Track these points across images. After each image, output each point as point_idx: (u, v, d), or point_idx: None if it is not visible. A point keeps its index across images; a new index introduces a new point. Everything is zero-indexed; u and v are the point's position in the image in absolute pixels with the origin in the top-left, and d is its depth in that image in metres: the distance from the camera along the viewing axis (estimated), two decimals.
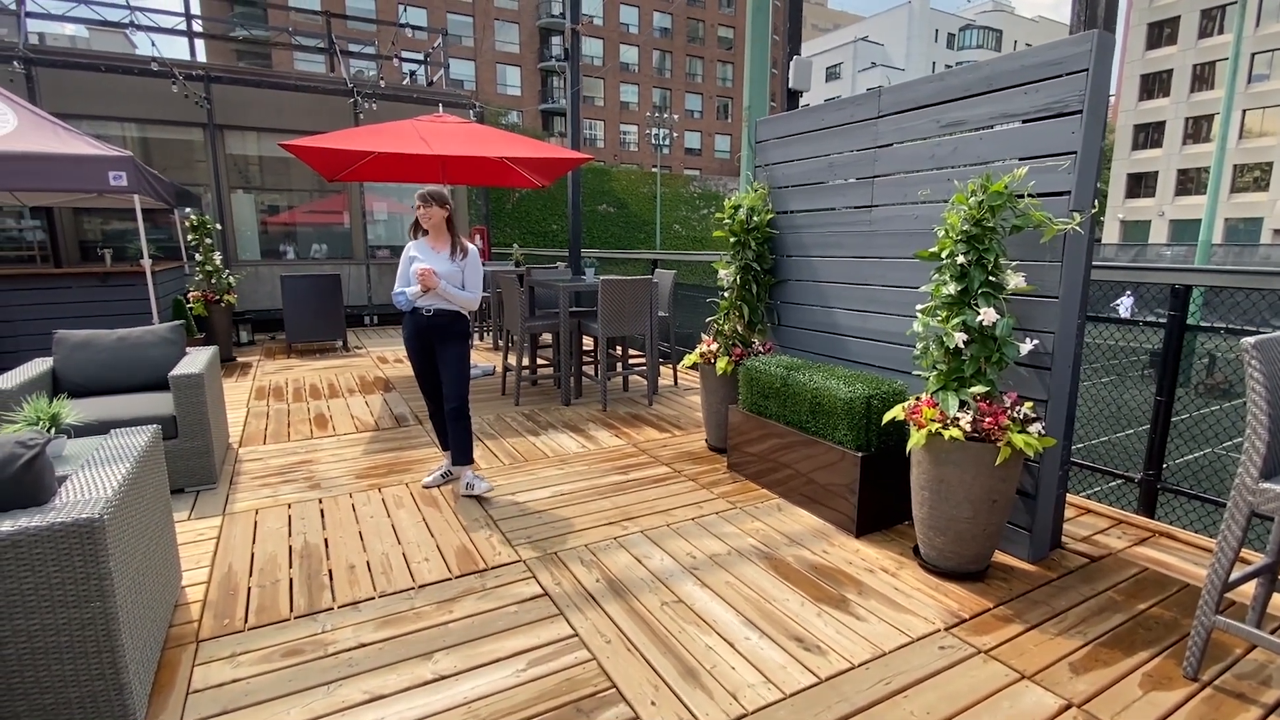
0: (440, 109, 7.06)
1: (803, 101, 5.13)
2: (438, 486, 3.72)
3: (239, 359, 7.62)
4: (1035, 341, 2.63)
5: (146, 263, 6.36)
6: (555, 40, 44.63)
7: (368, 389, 6.13)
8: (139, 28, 8.83)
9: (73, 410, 3.15)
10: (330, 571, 2.77)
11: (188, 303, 7.10)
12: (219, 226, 7.54)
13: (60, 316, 6.33)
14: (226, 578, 2.72)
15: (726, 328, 4.13)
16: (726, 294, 4.16)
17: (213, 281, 7.36)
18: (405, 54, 12.59)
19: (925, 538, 2.78)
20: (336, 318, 8.17)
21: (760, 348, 4.13)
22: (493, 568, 2.80)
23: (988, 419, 2.53)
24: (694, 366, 4.35)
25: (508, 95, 43.85)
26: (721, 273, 4.16)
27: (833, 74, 55.63)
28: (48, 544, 1.65)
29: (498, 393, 5.91)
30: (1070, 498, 3.48)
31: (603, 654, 2.21)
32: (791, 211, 4.10)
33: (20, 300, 6.20)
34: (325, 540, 3.06)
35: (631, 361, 6.31)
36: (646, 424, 4.99)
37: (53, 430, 2.77)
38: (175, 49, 8.80)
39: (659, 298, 5.86)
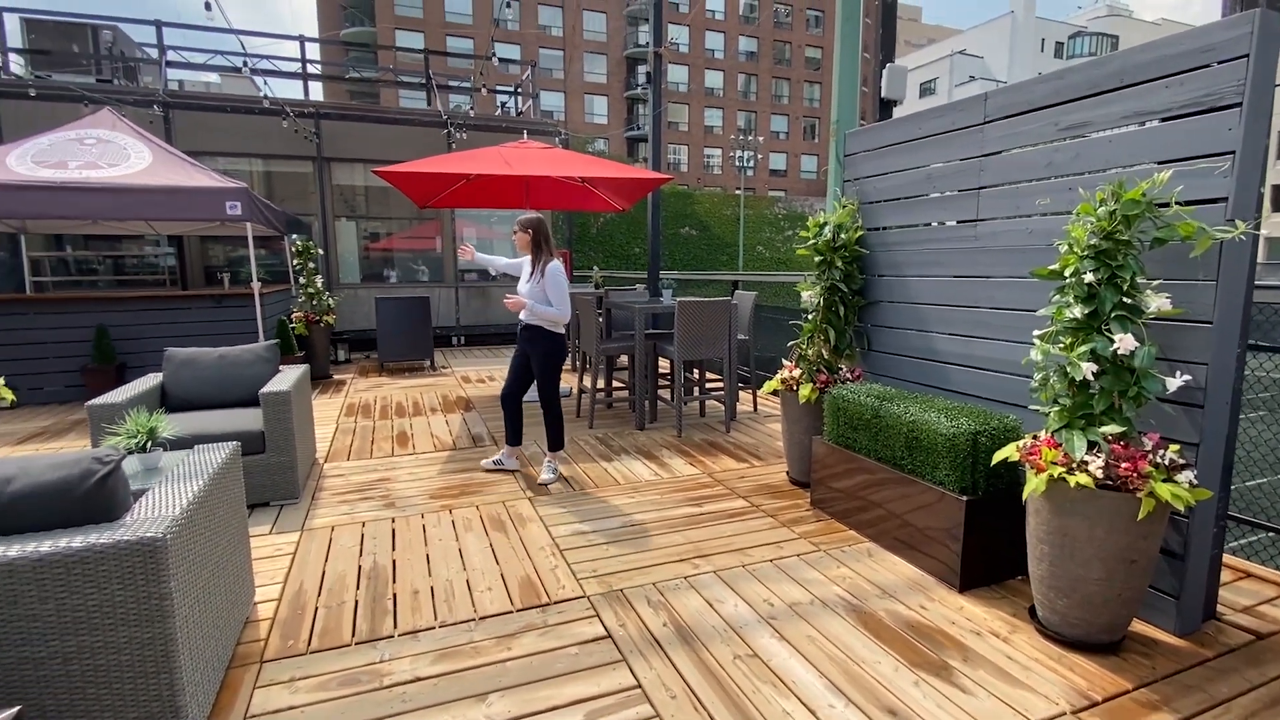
0: (525, 135, 7.22)
1: (896, 113, 4.82)
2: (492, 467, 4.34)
3: (335, 376, 8.02)
4: (1187, 377, 2.22)
5: (255, 285, 6.82)
6: (640, 68, 45.63)
7: (449, 408, 6.25)
8: (257, 72, 9.66)
9: (169, 424, 3.32)
10: (395, 596, 2.72)
11: (290, 323, 7.56)
12: (321, 251, 8.03)
13: (181, 335, 6.89)
14: (297, 595, 2.73)
15: (810, 352, 3.86)
16: (810, 316, 3.89)
17: (314, 303, 7.81)
18: (499, 88, 13.14)
19: (1044, 598, 2.40)
20: (425, 339, 8.46)
21: (848, 374, 3.83)
22: (555, 602, 2.66)
23: (1124, 464, 2.15)
24: (775, 393, 4.10)
25: (595, 124, 45.13)
26: (805, 294, 3.91)
27: (927, 89, 53.58)
28: (112, 561, 1.65)
29: (572, 414, 5.85)
30: (1226, 558, 2.95)
31: (667, 710, 2.00)
32: (884, 228, 3.80)
33: (150, 319, 6.79)
34: (394, 561, 3.04)
35: (709, 386, 6.10)
36: (723, 452, 4.75)
37: (149, 444, 2.91)
38: (295, 91, 9.69)
39: (738, 320, 5.64)
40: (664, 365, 6.36)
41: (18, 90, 8.12)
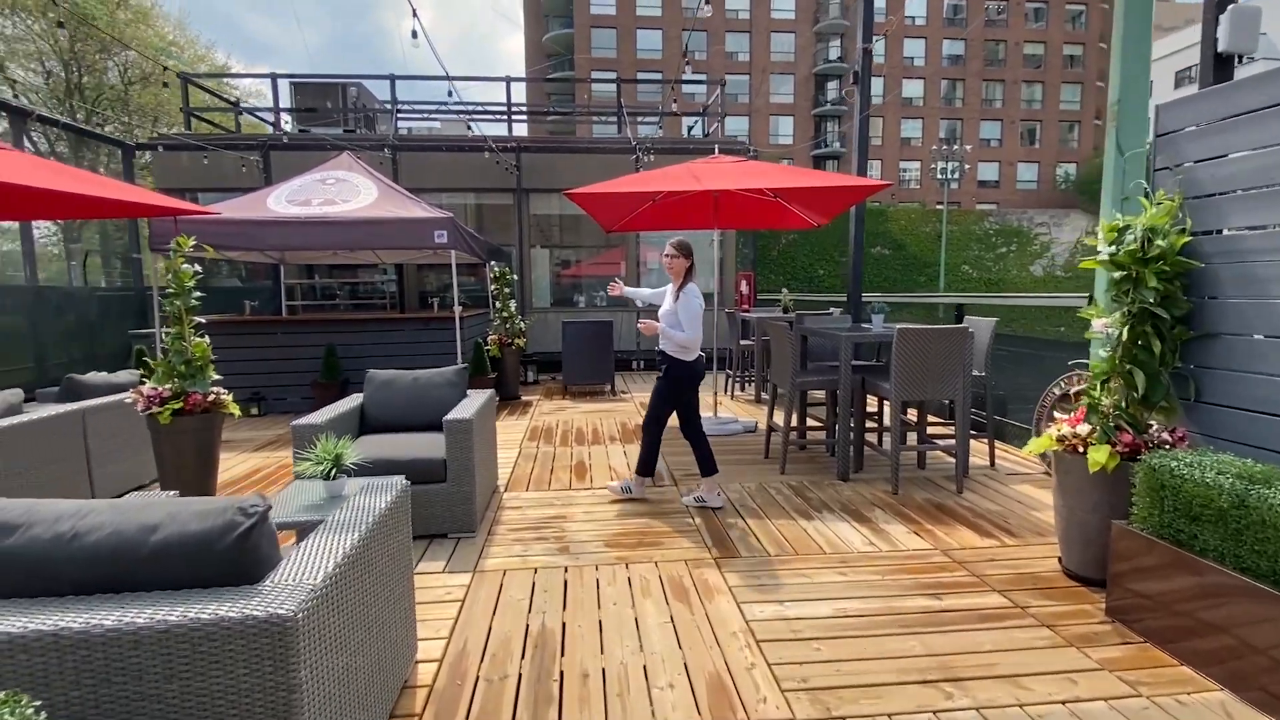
0: (716, 152, 6.82)
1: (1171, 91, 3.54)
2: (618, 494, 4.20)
3: (523, 397, 8.19)
4: None
5: (456, 310, 7.15)
6: (831, 85, 43.96)
7: (628, 437, 5.93)
8: (469, 114, 10.46)
9: (355, 450, 3.26)
10: (561, 676, 2.29)
11: (485, 345, 7.85)
12: (515, 277, 8.33)
13: (393, 354, 7.44)
14: (459, 659, 2.42)
15: (1106, 402, 2.83)
16: (1106, 353, 2.87)
17: (507, 326, 8.06)
18: (687, 113, 13.06)
19: None
20: (607, 363, 8.36)
21: (1164, 435, 2.74)
22: None
23: None
24: (1042, 455, 3.10)
25: (780, 144, 44.21)
26: (1097, 322, 2.90)
27: (1183, 78, 44.95)
28: (239, 640, 1.37)
29: (759, 455, 5.20)
30: None
31: None
32: (1228, 231, 2.69)
33: (369, 339, 7.42)
34: (563, 625, 2.63)
35: (932, 432, 5.08)
36: (957, 520, 3.78)
37: (333, 472, 2.83)
38: (503, 129, 10.47)
39: (973, 353, 4.60)
40: (870, 403, 5.45)
41: (284, 143, 9.57)
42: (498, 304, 8.09)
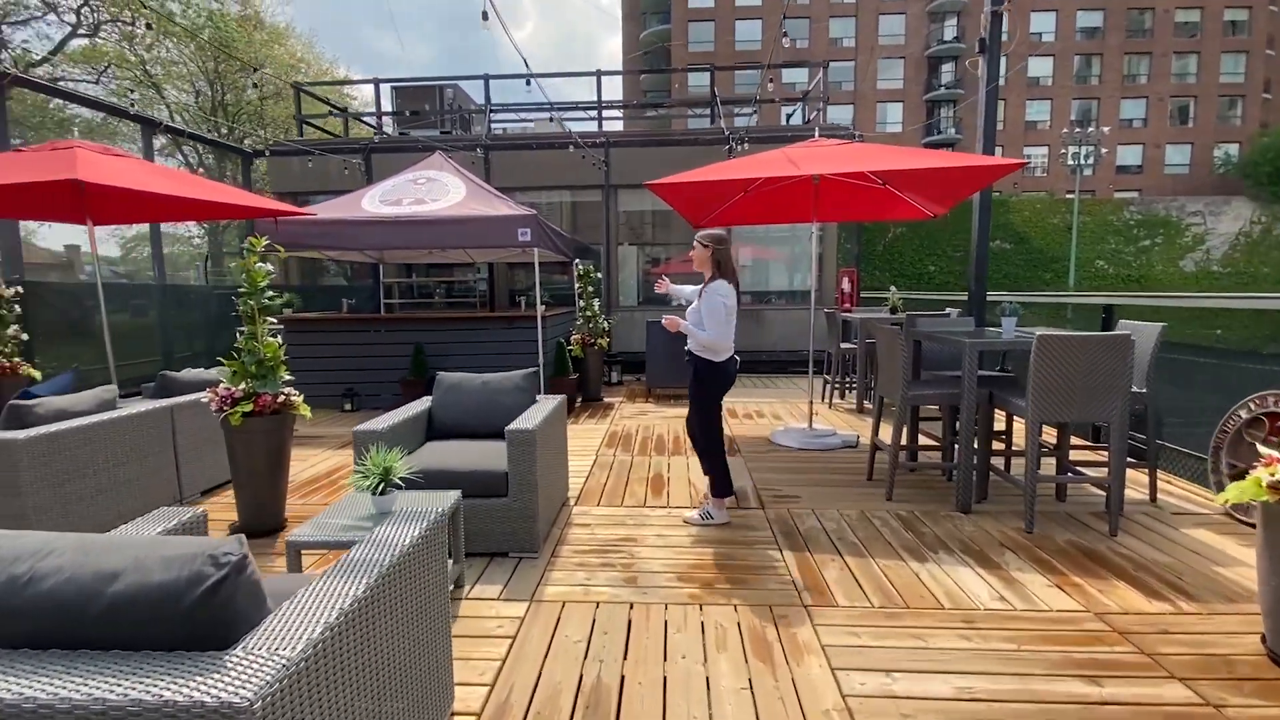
0: (816, 136, 6.21)
1: None
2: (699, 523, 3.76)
3: (605, 399, 7.93)
4: None
5: (539, 309, 6.98)
6: (945, 68, 41.02)
7: None
8: (559, 107, 10.33)
9: (414, 459, 3.04)
10: None
11: (568, 345, 7.66)
12: (598, 275, 8.08)
13: (478, 353, 7.40)
14: (500, 713, 2.10)
15: None
16: None
17: (590, 326, 7.83)
18: (786, 101, 12.36)
19: None
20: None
21: None
22: None
23: None
24: (1235, 505, 2.37)
25: (888, 133, 41.78)
26: None
27: None
28: None
29: (861, 476, 4.60)
30: None
31: None
32: None
33: (455, 338, 7.42)
34: (622, 680, 2.26)
35: (1076, 457, 4.28)
36: (1113, 572, 3.07)
37: (381, 486, 2.61)
38: (595, 128, 10.26)
39: (1133, 366, 3.78)
40: (997, 419, 4.70)
41: (383, 145, 9.86)
42: (581, 303, 7.88)
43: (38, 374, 5.90)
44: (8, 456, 3.16)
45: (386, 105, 10.82)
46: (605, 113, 11.60)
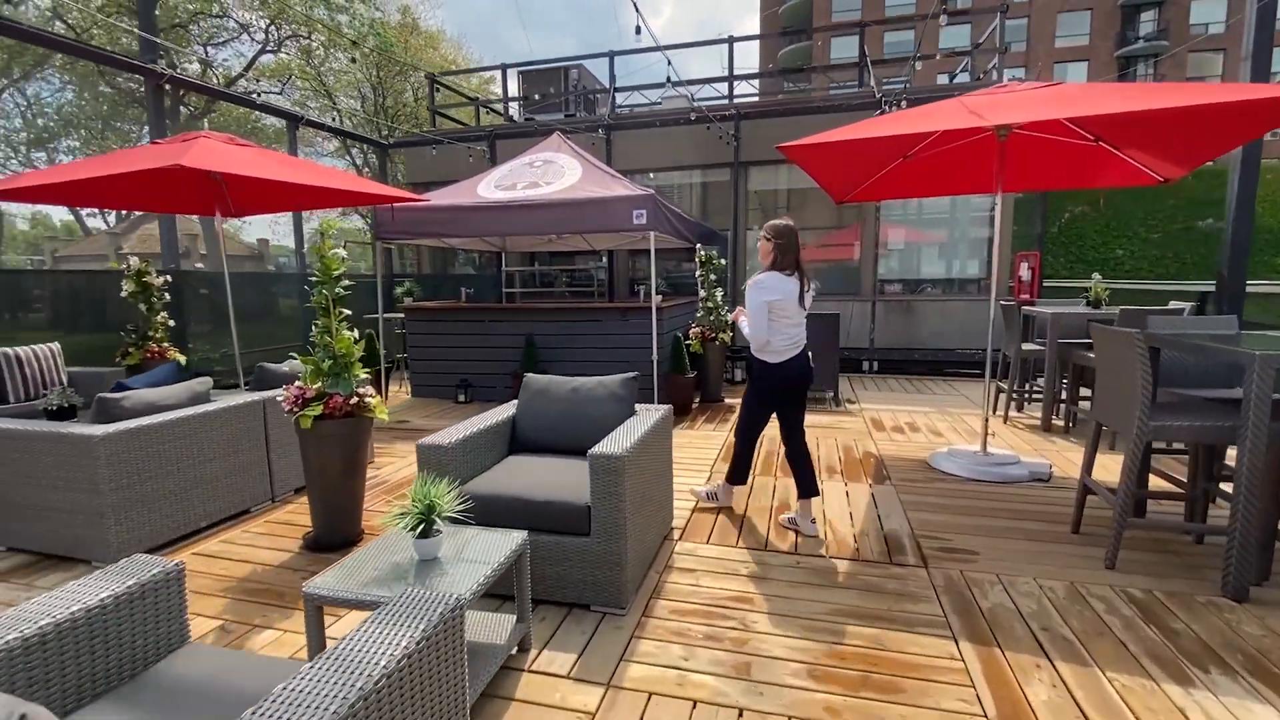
0: (1005, 79, 4.94)
1: None
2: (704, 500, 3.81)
3: (727, 400, 7.12)
4: None
5: (654, 299, 6.32)
6: (1146, 16, 34.96)
7: (852, 470, 4.52)
8: (683, 83, 9.55)
9: (466, 491, 2.48)
10: None
11: (686, 339, 6.94)
12: (722, 261, 7.27)
13: (590, 346, 6.89)
14: None
15: None
16: None
17: (712, 318, 7.05)
18: (952, 56, 10.68)
19: None
20: (829, 364, 6.90)
21: None
22: None
23: None
24: None
25: None
26: None
27: None
28: None
29: (1064, 527, 3.45)
30: None
31: None
32: None
33: (566, 330, 6.96)
34: None
35: None
36: None
37: (418, 527, 2.06)
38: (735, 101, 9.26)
39: None
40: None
41: (506, 131, 9.66)
42: (702, 292, 7.11)
43: (183, 358, 6.20)
44: (86, 452, 3.03)
45: (515, 92, 10.67)
46: (738, 87, 10.66)
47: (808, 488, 3.45)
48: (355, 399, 3.24)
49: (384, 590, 1.93)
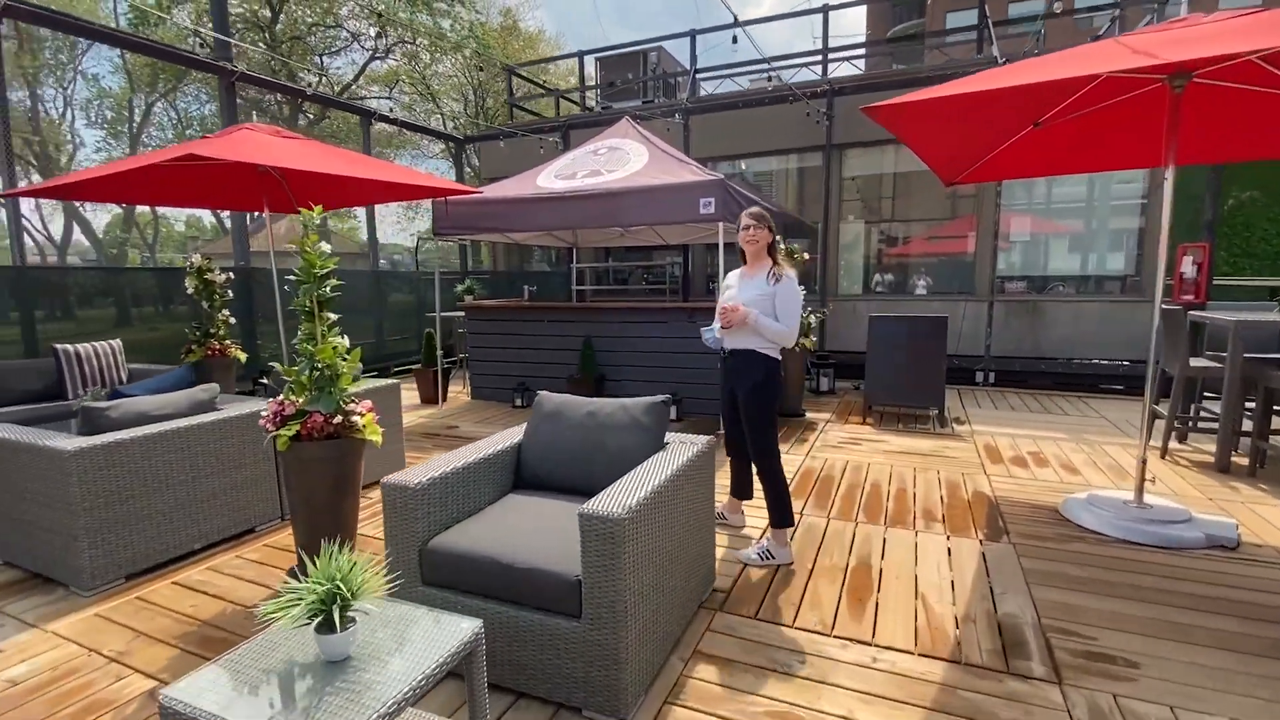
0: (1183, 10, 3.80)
1: None
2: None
3: (808, 414, 6.24)
4: None
5: (720, 297, 5.58)
6: None
7: (957, 520, 3.60)
8: (775, 60, 8.65)
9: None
10: None
11: None
12: (807, 256, 6.37)
13: (655, 349, 6.25)
14: None
15: None
16: None
17: None
18: (1092, 8, 9.09)
19: None
20: (933, 377, 5.87)
21: None
22: None
23: None
24: None
25: None
26: None
27: None
28: None
29: (1272, 623, 2.42)
30: None
31: None
32: None
33: (628, 331, 6.36)
34: None
35: None
36: None
37: (317, 619, 1.50)
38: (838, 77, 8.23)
39: None
40: None
41: (580, 121, 9.19)
42: None
43: (243, 355, 6.17)
44: (59, 468, 2.75)
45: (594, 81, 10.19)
46: (837, 67, 9.61)
47: (782, 514, 3.16)
48: (340, 418, 2.78)
49: (251, 714, 1.38)
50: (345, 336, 2.92)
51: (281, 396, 2.83)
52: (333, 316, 2.87)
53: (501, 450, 2.69)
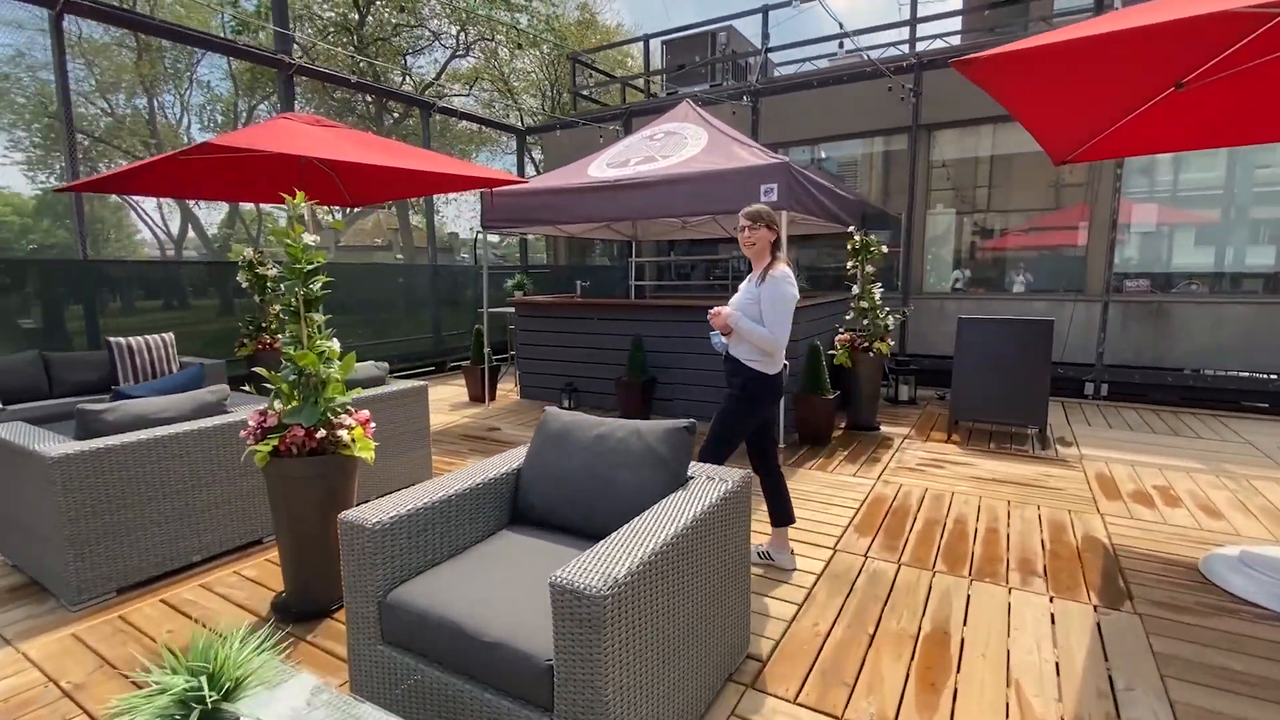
0: None
1: None
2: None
3: (883, 429, 5.55)
4: None
5: None
6: None
7: (1064, 576, 2.92)
8: (852, 33, 7.87)
9: (417, 587, 1.51)
10: None
11: (833, 349, 5.51)
12: (885, 249, 5.65)
13: (707, 352, 5.72)
14: None
15: None
16: None
17: (865, 322, 5.52)
18: None
19: None
20: (1033, 388, 5.07)
21: None
22: None
23: None
24: None
25: None
26: None
27: None
28: None
29: None
30: None
31: None
32: None
33: (681, 330, 5.87)
34: None
35: None
36: None
37: None
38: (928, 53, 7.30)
39: None
40: None
41: (642, 108, 8.74)
42: (855, 288, 5.60)
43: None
44: (43, 475, 2.59)
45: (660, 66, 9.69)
46: (922, 40, 8.68)
47: (787, 514, 3.00)
48: (323, 432, 2.48)
49: None
50: (336, 340, 2.61)
51: (264, 406, 2.55)
52: (320, 318, 2.56)
53: (497, 478, 2.29)
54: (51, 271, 5.41)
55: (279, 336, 6.13)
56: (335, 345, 2.58)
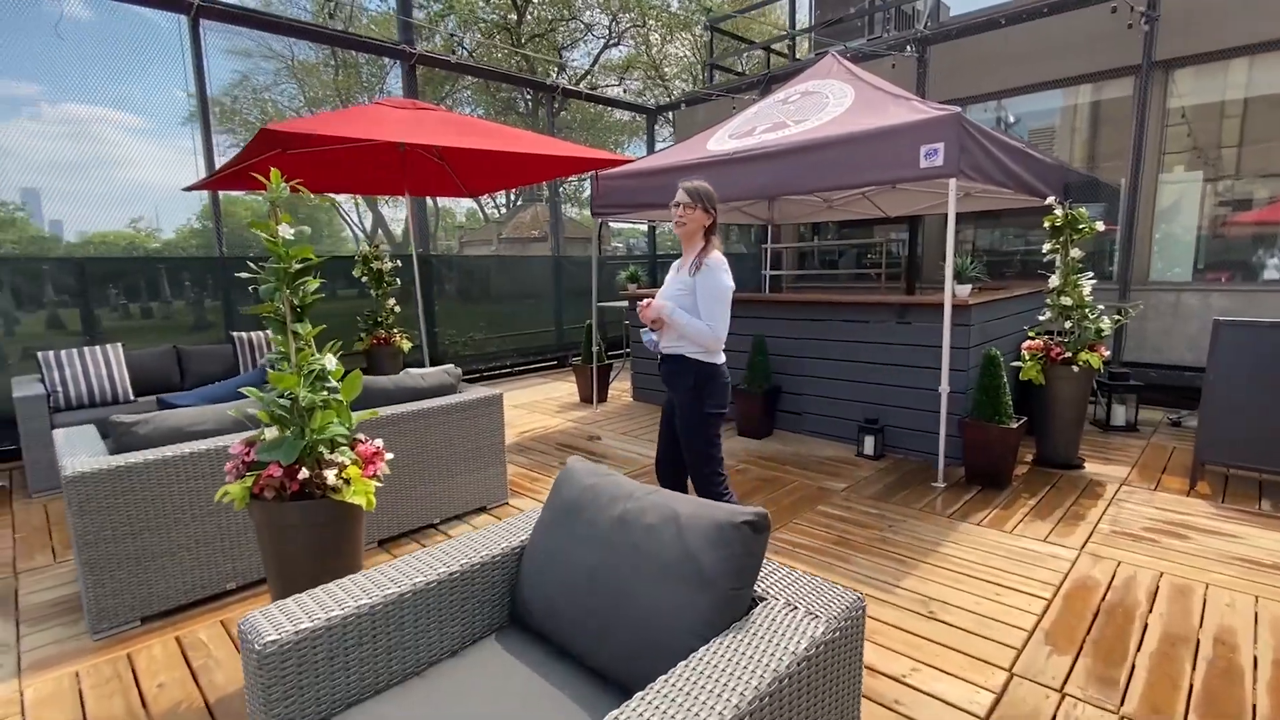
0: None
1: None
2: None
3: (1088, 467, 4.17)
4: None
5: (949, 290, 3.86)
6: None
7: None
8: None
9: None
10: None
11: (1017, 360, 4.24)
12: (1100, 226, 4.18)
13: (852, 360, 4.72)
14: None
15: None
16: None
17: (1069, 325, 4.16)
18: None
19: None
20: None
21: None
22: None
23: None
24: None
25: None
26: None
27: None
28: None
29: None
30: None
31: None
32: None
33: (814, 332, 4.89)
34: None
35: None
36: None
37: None
38: None
39: None
40: None
41: (781, 73, 7.68)
42: (1054, 280, 4.24)
43: (407, 344, 6.06)
44: (68, 492, 2.41)
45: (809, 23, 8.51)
46: None
47: None
48: (305, 474, 1.99)
49: None
50: (332, 357, 2.12)
51: (250, 435, 2.13)
52: (308, 329, 2.08)
53: (488, 561, 1.65)
54: (192, 265, 5.78)
55: (395, 331, 6.10)
56: (331, 362, 2.09)
